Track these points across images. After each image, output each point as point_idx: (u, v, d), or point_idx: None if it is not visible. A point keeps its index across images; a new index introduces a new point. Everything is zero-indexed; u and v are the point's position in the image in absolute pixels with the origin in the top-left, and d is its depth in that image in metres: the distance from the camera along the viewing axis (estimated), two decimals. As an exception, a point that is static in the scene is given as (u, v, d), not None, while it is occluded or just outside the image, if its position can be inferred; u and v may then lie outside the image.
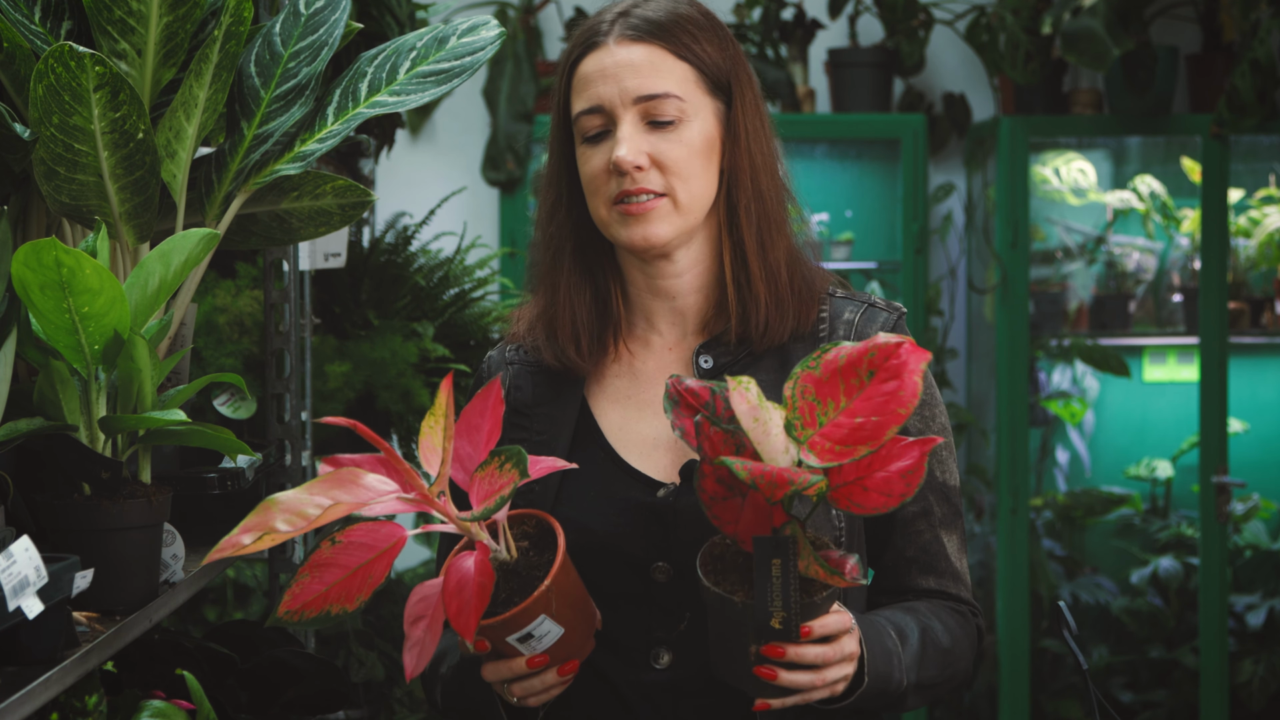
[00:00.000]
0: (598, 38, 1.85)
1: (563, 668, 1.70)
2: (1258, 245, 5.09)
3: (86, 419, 1.74)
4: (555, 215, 1.90)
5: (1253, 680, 4.89)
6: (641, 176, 1.80)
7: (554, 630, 1.67)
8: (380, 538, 1.62)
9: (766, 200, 1.87)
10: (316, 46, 1.98)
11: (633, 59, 1.82)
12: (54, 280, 1.62)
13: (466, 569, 1.61)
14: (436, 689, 1.90)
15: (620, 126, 1.81)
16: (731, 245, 1.87)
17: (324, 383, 3.13)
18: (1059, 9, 4.68)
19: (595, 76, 1.83)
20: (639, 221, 1.82)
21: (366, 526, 1.62)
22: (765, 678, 1.65)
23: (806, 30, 5.07)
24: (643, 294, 1.90)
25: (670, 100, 1.82)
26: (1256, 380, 5.32)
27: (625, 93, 1.81)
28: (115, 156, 1.79)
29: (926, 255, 4.98)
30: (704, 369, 1.87)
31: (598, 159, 1.83)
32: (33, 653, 1.56)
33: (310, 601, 1.60)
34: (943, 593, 1.87)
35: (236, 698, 2.33)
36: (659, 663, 1.81)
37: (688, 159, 1.82)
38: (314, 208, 2.01)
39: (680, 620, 1.80)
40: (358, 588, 1.60)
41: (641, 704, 1.81)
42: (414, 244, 3.49)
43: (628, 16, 1.85)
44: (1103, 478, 5.33)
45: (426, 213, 3.61)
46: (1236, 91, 4.66)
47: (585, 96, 1.83)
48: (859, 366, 1.61)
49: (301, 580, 1.60)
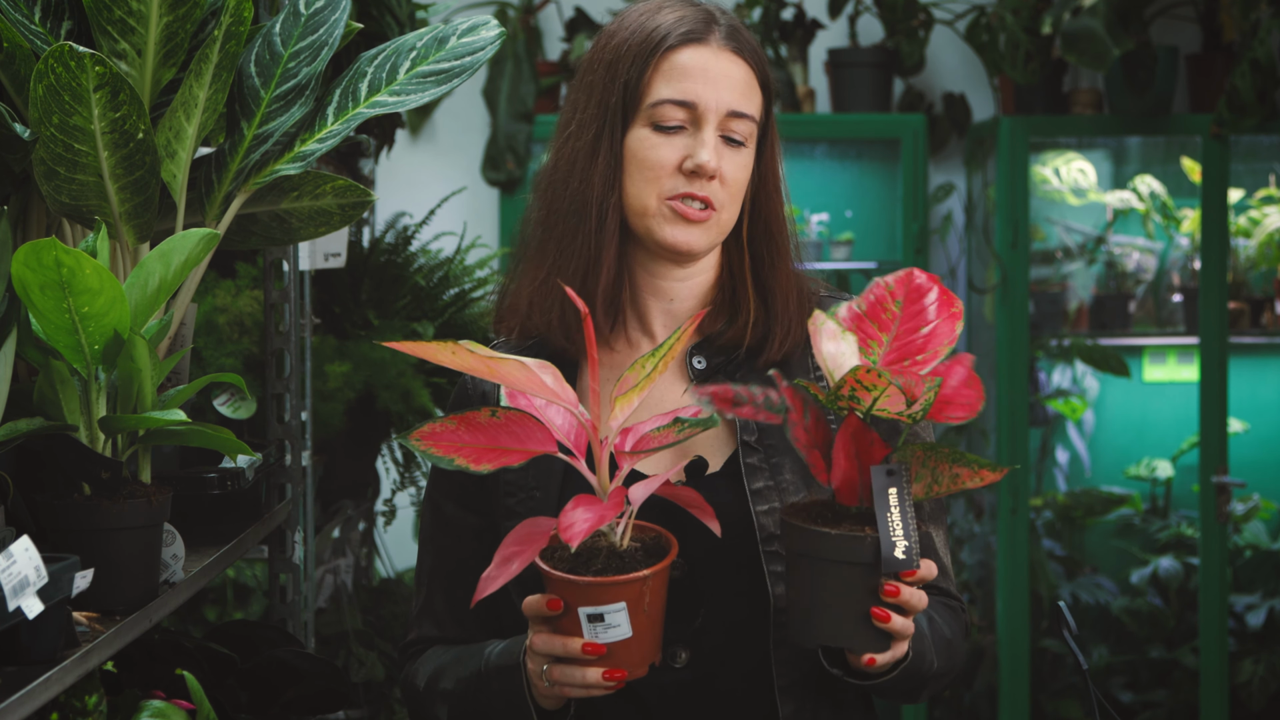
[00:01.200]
0: (698, 34, 1.85)
1: (610, 671, 1.65)
2: (1258, 245, 5.09)
3: (86, 419, 1.74)
4: (609, 191, 1.84)
5: (1253, 680, 4.89)
6: (710, 185, 1.82)
7: (624, 626, 1.63)
8: (534, 437, 1.66)
9: (784, 225, 1.91)
10: (316, 46, 1.98)
11: (734, 73, 1.84)
12: (54, 280, 1.62)
13: (595, 500, 1.63)
14: (438, 707, 1.87)
15: (704, 130, 1.82)
16: (755, 269, 1.89)
17: (324, 383, 3.13)
18: (1059, 9, 4.68)
19: (696, 72, 1.83)
20: (688, 226, 1.83)
21: (528, 420, 1.67)
22: (880, 620, 1.63)
23: (806, 30, 5.07)
24: (641, 292, 1.90)
25: (748, 122, 1.85)
26: (1256, 380, 5.32)
27: (721, 102, 1.83)
28: (115, 156, 1.79)
29: (926, 255, 4.98)
30: (698, 369, 1.89)
31: (669, 151, 1.83)
32: (33, 653, 1.56)
33: (446, 444, 1.64)
34: (933, 586, 1.87)
35: (236, 698, 2.33)
36: (677, 661, 1.81)
37: (743, 183, 1.86)
38: (314, 208, 2.01)
39: (695, 616, 1.80)
40: (491, 459, 1.65)
41: (660, 705, 1.81)
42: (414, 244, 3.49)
43: (725, 25, 1.87)
44: (1103, 478, 5.33)
45: (426, 213, 3.61)
46: (1236, 91, 4.66)
47: (679, 88, 1.83)
48: (885, 302, 1.68)
49: (448, 425, 1.65)
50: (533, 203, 1.93)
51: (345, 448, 3.31)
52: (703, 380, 1.88)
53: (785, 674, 1.80)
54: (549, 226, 1.89)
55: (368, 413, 3.24)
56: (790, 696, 1.81)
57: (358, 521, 3.71)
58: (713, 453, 1.86)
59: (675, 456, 1.85)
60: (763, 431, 1.84)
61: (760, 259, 1.90)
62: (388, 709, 3.44)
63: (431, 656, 1.91)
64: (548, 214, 1.89)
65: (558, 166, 1.89)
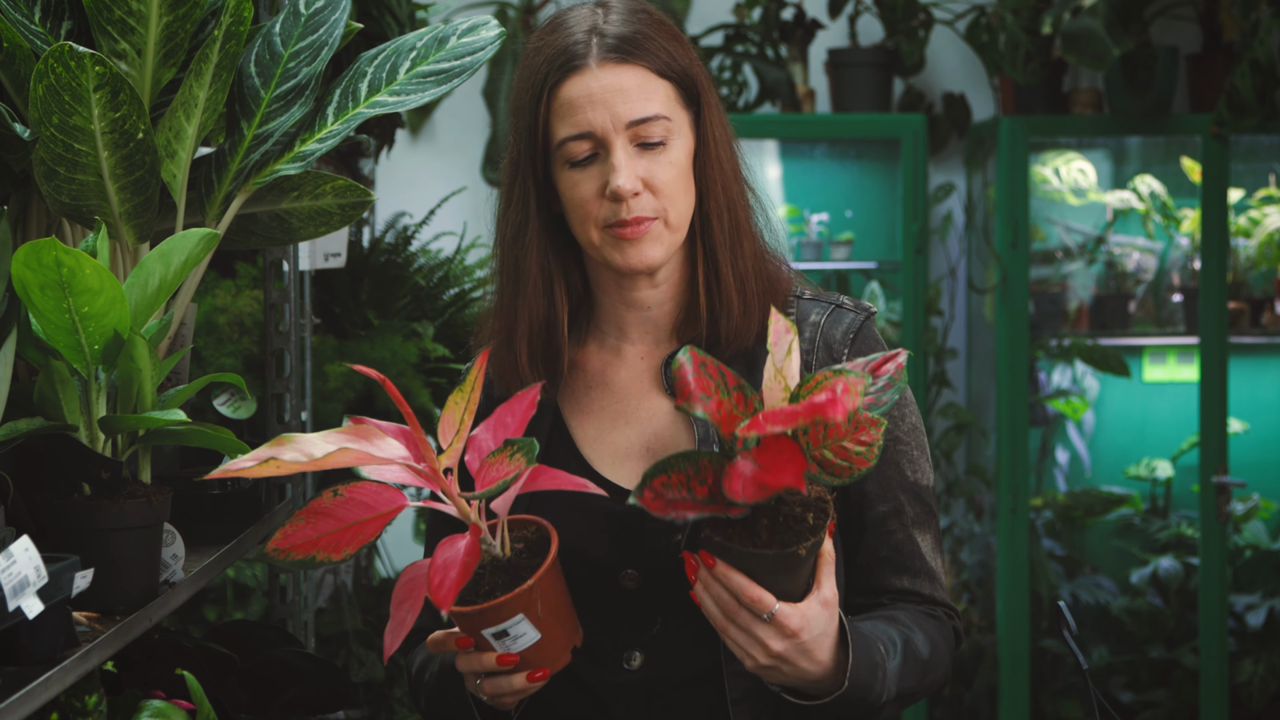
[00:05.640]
0: (576, 60, 1.80)
1: (532, 674, 1.69)
2: (1258, 245, 5.09)
3: (86, 419, 1.74)
4: (520, 239, 1.86)
5: (1253, 680, 4.89)
6: (636, 203, 1.79)
7: (530, 633, 1.66)
8: (381, 500, 1.64)
9: (735, 206, 1.87)
10: (316, 46, 1.98)
11: (620, 82, 1.79)
12: (54, 280, 1.62)
13: (456, 547, 1.62)
14: (420, 696, 1.91)
15: (614, 153, 1.78)
16: (705, 253, 1.86)
17: (324, 383, 3.13)
18: (1059, 9, 4.68)
19: (582, 102, 1.79)
20: (634, 245, 1.80)
21: (371, 487, 1.64)
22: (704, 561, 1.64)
23: (806, 30, 5.07)
24: (616, 305, 1.89)
25: (659, 121, 1.80)
26: (1256, 380, 5.32)
27: (617, 118, 1.78)
28: (115, 156, 1.79)
29: (926, 255, 4.98)
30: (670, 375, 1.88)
31: (587, 184, 1.80)
32: (33, 653, 1.56)
33: (299, 544, 1.62)
34: (917, 593, 1.86)
35: (236, 698, 2.33)
36: (631, 664, 1.81)
37: (676, 179, 1.81)
38: (314, 208, 2.01)
39: (651, 624, 1.81)
40: (347, 541, 1.63)
41: (615, 704, 1.81)
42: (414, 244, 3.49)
43: (602, 35, 1.81)
44: (1103, 478, 5.33)
45: (426, 213, 3.61)
46: (1236, 91, 4.66)
47: (571, 123, 1.79)
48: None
49: (296, 523, 1.62)
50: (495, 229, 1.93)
51: (345, 448, 3.31)
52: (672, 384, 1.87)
53: (737, 686, 1.79)
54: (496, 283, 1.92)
55: (368, 412, 3.24)
56: (744, 709, 1.80)
57: (358, 521, 3.70)
58: None
59: (643, 457, 1.85)
60: None
61: (710, 243, 1.85)
62: (388, 709, 3.44)
63: (423, 646, 1.93)
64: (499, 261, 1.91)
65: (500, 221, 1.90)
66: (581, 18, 1.83)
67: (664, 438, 1.86)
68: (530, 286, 1.86)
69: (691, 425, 1.85)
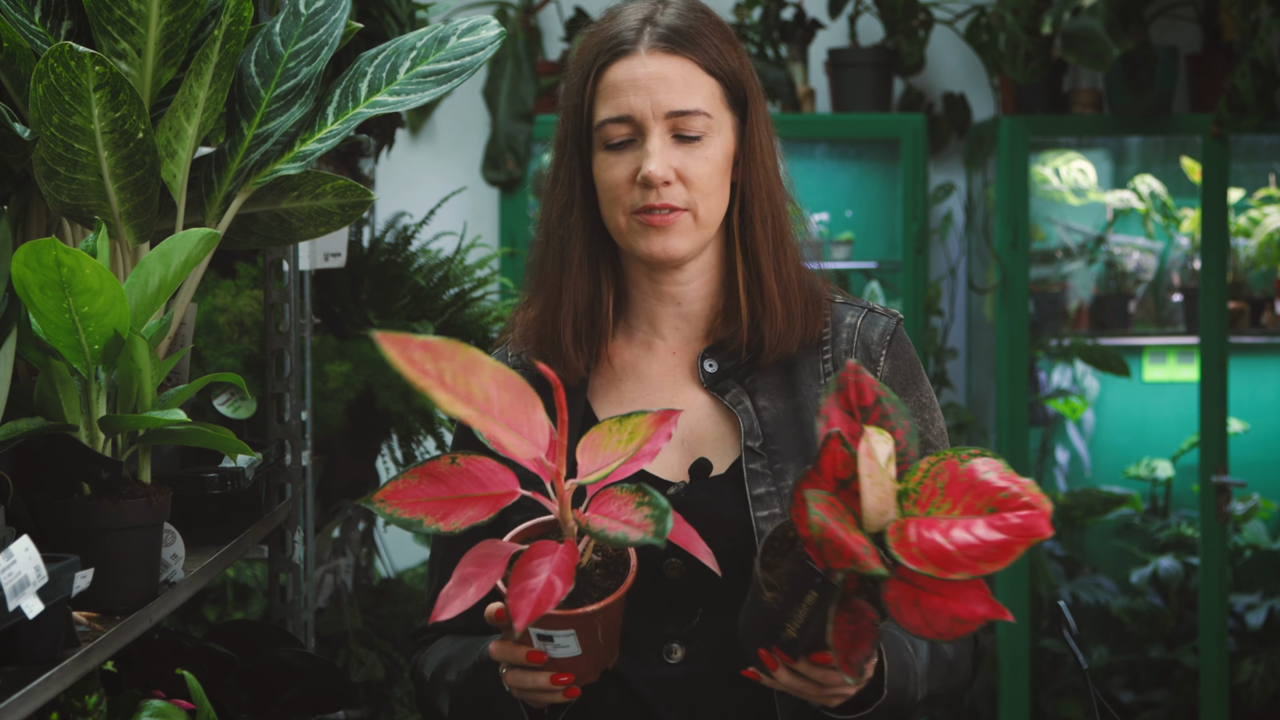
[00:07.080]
0: (626, 45, 1.83)
1: (556, 677, 1.69)
2: (1258, 245, 5.09)
3: (86, 419, 1.74)
4: (565, 219, 1.88)
5: (1253, 680, 4.89)
6: (667, 191, 1.81)
7: (572, 647, 1.65)
8: (495, 481, 1.59)
9: (780, 214, 1.90)
10: (316, 46, 1.98)
11: (666, 72, 1.82)
12: (54, 280, 1.62)
13: (547, 564, 1.56)
14: (441, 698, 1.88)
15: (650, 139, 1.81)
16: (745, 259, 1.88)
17: (324, 382, 3.13)
18: (1059, 9, 4.68)
19: (626, 86, 1.82)
20: (660, 234, 1.83)
21: (488, 464, 1.59)
22: (765, 663, 1.65)
23: (806, 30, 5.07)
24: (648, 298, 1.91)
25: (699, 117, 1.83)
26: (1256, 380, 5.32)
27: (658, 106, 1.81)
28: (115, 156, 1.79)
29: (926, 255, 4.98)
30: (709, 373, 1.89)
31: (621, 168, 1.83)
32: (33, 653, 1.56)
33: (408, 502, 1.57)
34: None
35: (236, 698, 2.33)
36: (672, 658, 1.81)
37: (710, 175, 1.83)
38: (314, 208, 2.01)
39: (693, 616, 1.81)
40: (456, 514, 1.57)
41: (657, 700, 1.81)
42: (414, 244, 3.49)
43: (655, 25, 1.84)
44: (1103, 477, 5.33)
45: (426, 213, 3.61)
46: (1236, 91, 4.66)
47: (614, 105, 1.83)
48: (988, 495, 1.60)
49: (408, 479, 1.58)
50: (539, 211, 1.96)
51: (345, 447, 3.31)
52: (712, 384, 1.88)
53: None
54: (535, 256, 1.93)
55: (368, 412, 3.24)
56: (789, 701, 1.80)
57: (358, 521, 3.71)
58: (718, 455, 1.86)
59: (681, 456, 1.85)
60: (768, 437, 1.84)
61: (753, 249, 1.88)
62: (388, 709, 3.44)
63: (440, 647, 1.92)
64: (539, 251, 1.92)
65: (545, 201, 1.92)
66: (639, 8, 1.88)
67: (699, 430, 1.88)
68: (575, 266, 1.88)
69: (731, 418, 1.86)
